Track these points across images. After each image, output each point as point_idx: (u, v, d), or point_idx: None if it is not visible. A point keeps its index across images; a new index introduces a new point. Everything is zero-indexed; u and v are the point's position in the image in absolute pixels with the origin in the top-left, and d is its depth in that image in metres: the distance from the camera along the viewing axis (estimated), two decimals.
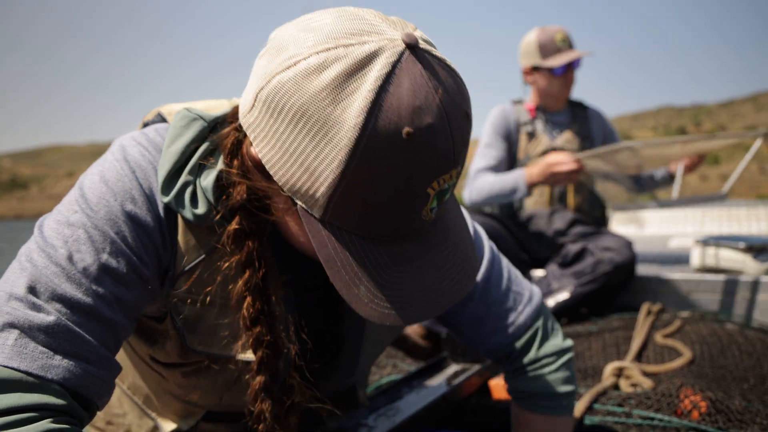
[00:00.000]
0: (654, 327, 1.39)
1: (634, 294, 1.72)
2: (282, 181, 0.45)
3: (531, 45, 1.85)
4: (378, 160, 0.41)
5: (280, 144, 0.44)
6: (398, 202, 0.43)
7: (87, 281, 0.47)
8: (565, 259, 1.73)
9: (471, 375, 0.98)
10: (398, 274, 0.45)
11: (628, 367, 1.07)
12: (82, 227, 0.48)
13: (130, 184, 0.50)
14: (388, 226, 0.45)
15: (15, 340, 0.43)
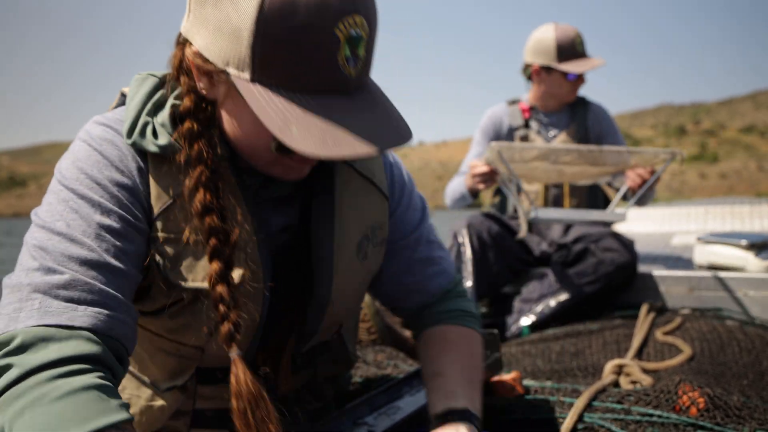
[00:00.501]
0: (655, 324, 1.40)
1: (635, 291, 1.73)
2: (216, 57, 0.53)
3: (547, 44, 1.78)
4: (283, 2, 0.49)
5: (207, 24, 0.54)
6: (312, 43, 0.50)
7: (89, 240, 0.54)
8: (567, 260, 1.73)
9: None
10: (328, 118, 0.51)
11: (628, 365, 1.08)
12: (70, 200, 0.56)
13: (99, 156, 0.58)
14: (310, 73, 0.51)
15: (39, 302, 0.50)
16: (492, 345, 1.08)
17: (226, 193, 0.61)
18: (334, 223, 0.67)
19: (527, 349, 1.40)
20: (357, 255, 0.70)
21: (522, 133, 1.89)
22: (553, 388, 1.06)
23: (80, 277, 0.52)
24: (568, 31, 1.79)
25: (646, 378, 1.04)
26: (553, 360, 1.30)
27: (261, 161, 0.62)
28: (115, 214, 0.56)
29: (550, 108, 1.91)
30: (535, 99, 1.92)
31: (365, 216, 0.71)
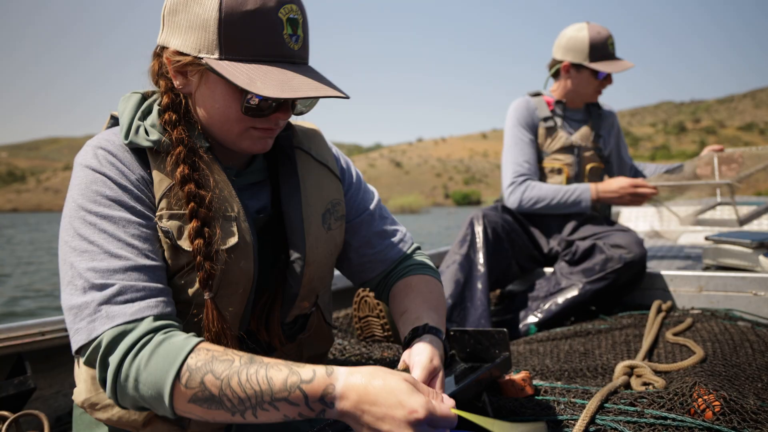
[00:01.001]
0: (664, 325, 1.39)
1: (644, 291, 1.72)
2: (190, 48, 0.69)
3: (581, 43, 1.83)
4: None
5: (180, 28, 0.69)
6: (261, 23, 0.67)
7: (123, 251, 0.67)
8: (574, 257, 1.72)
9: (480, 374, 0.98)
10: (284, 75, 0.68)
11: (639, 366, 1.06)
12: (97, 223, 0.68)
13: (104, 177, 0.70)
14: (264, 45, 0.68)
15: (105, 311, 0.64)
16: (501, 344, 1.06)
17: (221, 180, 0.75)
18: (300, 198, 0.82)
19: (535, 348, 1.38)
20: (323, 225, 0.84)
21: (549, 123, 1.90)
22: (563, 389, 1.04)
23: (126, 283, 0.66)
24: (602, 32, 1.84)
25: (658, 380, 1.02)
26: (562, 359, 1.28)
27: (232, 135, 0.75)
28: (134, 223, 0.69)
29: (572, 105, 1.95)
30: (559, 95, 1.94)
31: (324, 193, 0.85)
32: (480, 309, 1.63)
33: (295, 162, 0.83)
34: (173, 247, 0.71)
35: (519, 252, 1.83)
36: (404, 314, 0.83)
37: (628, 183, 1.76)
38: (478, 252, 1.71)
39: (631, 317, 1.52)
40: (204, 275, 0.70)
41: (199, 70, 0.71)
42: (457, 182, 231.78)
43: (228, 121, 0.73)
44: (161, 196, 0.72)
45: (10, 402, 1.10)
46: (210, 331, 0.72)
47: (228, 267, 0.73)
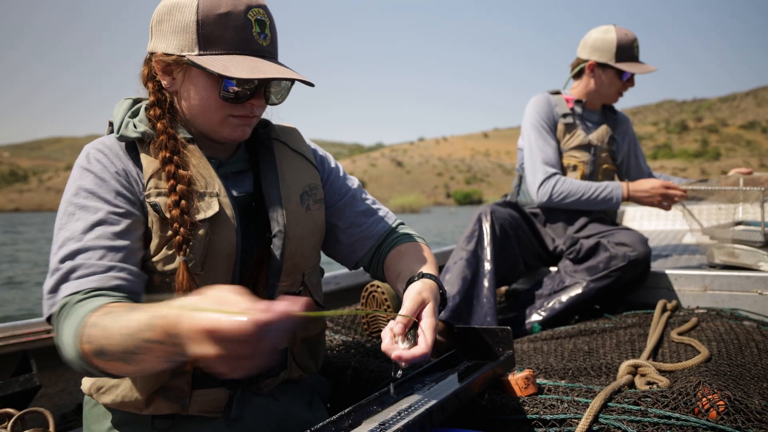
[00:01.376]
0: (669, 324, 1.39)
1: (648, 290, 1.72)
2: (174, 49, 0.80)
3: (609, 43, 1.86)
4: (213, 1, 0.79)
5: (165, 34, 0.81)
6: (233, 23, 0.79)
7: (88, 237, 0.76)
8: (578, 255, 1.72)
9: (484, 372, 0.98)
10: (254, 63, 0.79)
11: (643, 365, 1.06)
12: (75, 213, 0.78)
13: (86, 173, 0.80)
14: (237, 41, 0.80)
15: (62, 289, 0.73)
16: (505, 342, 1.06)
17: (201, 164, 0.85)
18: (278, 180, 0.91)
19: (539, 347, 1.38)
20: (301, 204, 0.92)
21: (568, 120, 1.92)
22: (567, 388, 1.04)
23: (81, 262, 0.74)
24: (629, 34, 1.88)
25: (662, 379, 1.02)
26: (566, 358, 1.28)
27: (213, 124, 0.85)
28: (106, 210, 0.78)
29: (591, 106, 1.98)
30: (579, 94, 1.96)
31: (301, 177, 0.95)
32: (486, 306, 1.63)
33: (273, 151, 0.94)
34: (161, 219, 0.80)
35: (525, 250, 1.83)
36: (400, 275, 0.92)
37: (660, 184, 1.77)
38: (485, 249, 1.71)
39: (636, 316, 1.52)
40: (179, 240, 0.79)
41: (183, 68, 0.82)
42: (458, 182, 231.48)
43: (209, 110, 0.83)
44: (149, 177, 0.81)
45: (15, 399, 1.11)
46: (179, 290, 0.79)
47: (212, 237, 0.82)
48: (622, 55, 1.86)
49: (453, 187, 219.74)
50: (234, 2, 0.80)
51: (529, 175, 1.88)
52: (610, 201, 1.81)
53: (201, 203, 0.82)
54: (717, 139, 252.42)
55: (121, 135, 0.83)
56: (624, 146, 2.02)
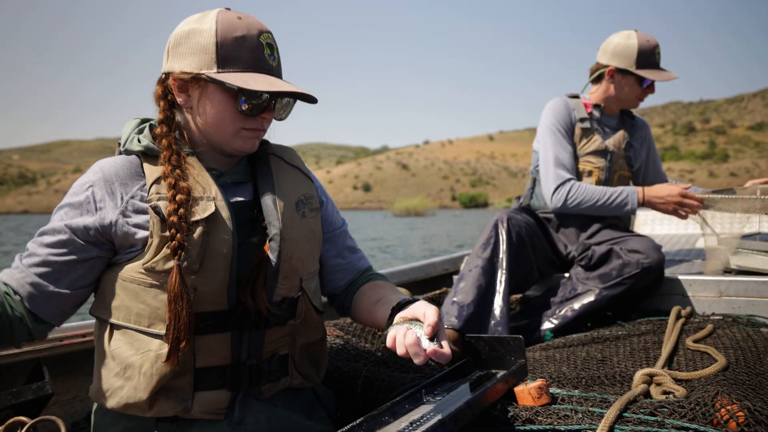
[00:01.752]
0: (684, 331, 1.37)
1: (662, 297, 1.70)
2: (193, 67, 0.89)
3: (630, 49, 1.85)
4: (229, 25, 0.89)
5: (183, 55, 0.90)
6: (248, 45, 0.89)
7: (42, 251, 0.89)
8: (590, 261, 1.71)
9: (496, 381, 0.97)
10: (269, 79, 0.90)
11: (659, 374, 1.05)
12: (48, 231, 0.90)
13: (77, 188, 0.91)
14: (252, 60, 0.90)
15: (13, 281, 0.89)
16: (516, 351, 1.05)
17: (200, 174, 0.92)
18: (274, 188, 0.97)
19: (552, 355, 1.37)
20: (297, 211, 0.98)
21: (585, 125, 1.90)
22: (581, 397, 1.03)
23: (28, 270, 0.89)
24: (650, 40, 1.86)
25: (679, 388, 1.01)
26: (579, 367, 1.27)
27: (227, 136, 0.93)
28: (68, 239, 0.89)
29: (609, 111, 1.96)
30: (597, 99, 1.95)
31: (296, 186, 1.01)
32: (499, 316, 1.62)
33: (269, 163, 1.02)
34: (161, 220, 0.86)
35: (539, 256, 1.82)
36: (381, 299, 1.01)
37: (677, 191, 1.74)
38: (501, 256, 1.69)
39: (650, 323, 1.50)
40: (175, 244, 0.84)
41: (200, 85, 0.90)
42: (464, 184, 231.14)
43: (224, 123, 0.91)
44: (151, 184, 0.89)
45: (28, 407, 1.11)
46: (170, 292, 0.84)
47: (209, 236, 0.88)
48: (642, 61, 1.84)
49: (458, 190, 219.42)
50: (248, 27, 0.90)
51: (543, 179, 1.87)
52: (626, 206, 1.78)
53: (197, 207, 0.88)
54: (725, 141, 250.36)
55: (126, 149, 0.93)
56: (642, 152, 2.00)
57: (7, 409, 1.08)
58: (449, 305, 1.65)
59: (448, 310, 1.64)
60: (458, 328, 1.57)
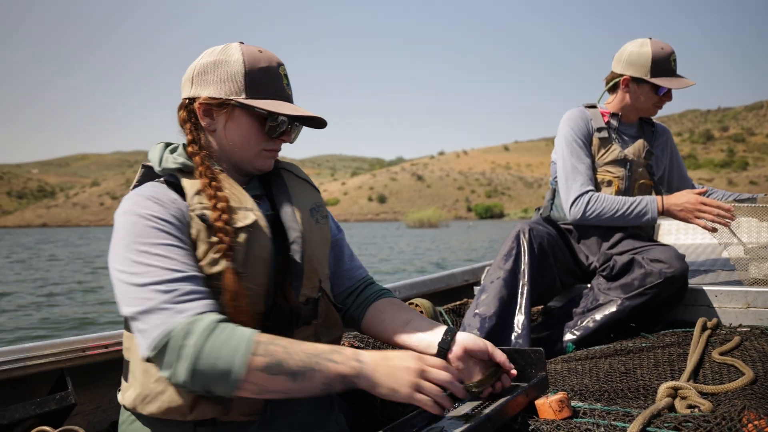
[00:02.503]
0: (710, 343, 1.35)
1: (687, 308, 1.68)
2: (221, 94, 0.98)
3: (644, 58, 1.84)
4: (254, 57, 1.00)
5: (209, 82, 0.99)
6: (270, 75, 1.00)
7: (168, 263, 0.87)
8: (612, 272, 1.69)
9: (516, 394, 0.97)
10: (292, 106, 1.00)
11: (683, 387, 1.04)
12: (146, 251, 0.88)
13: (144, 217, 0.90)
14: (274, 89, 1.01)
15: (176, 309, 0.83)
16: (537, 363, 1.05)
17: (233, 187, 0.99)
18: (290, 198, 1.06)
19: (573, 367, 1.36)
20: (311, 217, 1.07)
21: (603, 134, 1.89)
22: (603, 411, 1.02)
23: (188, 287, 0.85)
24: (665, 48, 1.85)
25: (704, 402, 0.99)
26: (602, 379, 1.26)
27: (250, 156, 1.02)
28: (176, 246, 0.89)
29: (627, 120, 1.95)
30: (614, 108, 1.94)
31: (308, 196, 1.10)
32: (520, 328, 1.61)
33: (282, 177, 1.11)
34: (207, 227, 0.92)
35: (561, 267, 1.81)
36: (409, 323, 1.08)
37: (695, 198, 1.71)
38: (523, 268, 1.68)
39: (675, 335, 1.48)
40: (225, 248, 0.90)
41: (226, 110, 0.99)
42: (479, 195, 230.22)
43: (248, 144, 1.01)
44: (193, 196, 0.94)
45: (51, 417, 1.14)
46: (228, 290, 0.89)
47: (251, 243, 0.94)
48: (657, 69, 1.83)
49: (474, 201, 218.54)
50: (269, 60, 1.01)
51: (562, 191, 1.86)
52: (645, 216, 1.77)
53: (237, 215, 0.95)
54: (744, 149, 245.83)
55: (163, 168, 0.99)
56: (664, 159, 1.99)
57: (31, 418, 1.10)
58: (471, 317, 1.65)
59: (470, 322, 1.64)
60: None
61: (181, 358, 0.80)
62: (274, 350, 0.82)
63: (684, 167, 2.09)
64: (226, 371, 0.80)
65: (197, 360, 0.80)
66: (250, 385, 0.81)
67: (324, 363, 0.83)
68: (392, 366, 0.86)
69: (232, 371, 0.80)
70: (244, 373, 0.80)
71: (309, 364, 0.82)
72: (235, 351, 0.80)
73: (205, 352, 0.80)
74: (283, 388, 0.82)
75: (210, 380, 0.81)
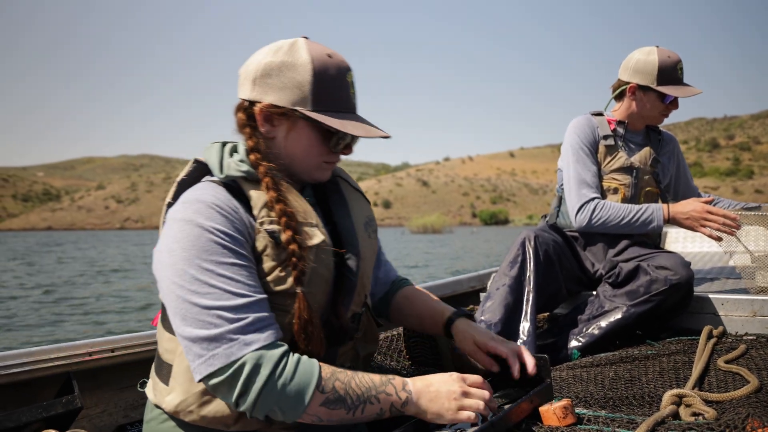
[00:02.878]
0: (716, 351, 1.35)
1: (693, 315, 1.68)
2: (285, 102, 0.91)
3: (650, 66, 1.84)
4: (323, 64, 0.92)
5: (273, 87, 0.92)
6: (338, 85, 0.93)
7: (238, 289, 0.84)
8: (617, 279, 1.69)
9: (521, 401, 0.97)
10: (358, 122, 0.94)
11: (688, 395, 1.04)
12: (211, 269, 0.83)
13: (209, 231, 0.85)
14: (341, 101, 0.94)
15: (243, 340, 0.81)
16: (542, 370, 1.06)
17: (299, 200, 0.95)
18: (348, 210, 1.04)
19: (578, 374, 1.36)
20: (366, 231, 1.05)
21: (609, 142, 1.90)
22: (607, 418, 1.03)
23: (254, 316, 0.83)
24: (672, 56, 1.85)
25: (709, 410, 0.99)
26: (607, 387, 1.26)
27: (310, 167, 0.98)
28: (241, 265, 0.85)
29: (633, 127, 1.96)
30: (621, 116, 1.95)
31: (363, 209, 1.08)
32: (526, 335, 1.61)
33: (339, 186, 1.08)
34: (276, 244, 0.89)
35: (567, 275, 1.81)
36: (430, 303, 1.17)
37: (701, 207, 1.70)
38: (529, 275, 1.68)
39: (680, 342, 1.48)
40: (297, 273, 0.88)
41: (289, 119, 0.94)
42: (484, 201, 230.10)
43: (310, 156, 0.96)
44: (260, 208, 0.90)
45: (58, 420, 1.15)
46: (301, 319, 0.88)
47: (317, 263, 0.92)
48: (664, 77, 1.83)
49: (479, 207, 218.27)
50: (338, 66, 0.94)
51: (568, 199, 1.86)
52: (651, 223, 1.77)
53: (306, 234, 0.91)
54: (750, 158, 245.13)
55: (225, 175, 0.92)
56: (670, 167, 1.99)
57: (38, 421, 1.12)
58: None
59: None
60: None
61: (248, 391, 0.80)
62: (338, 386, 0.84)
63: (690, 176, 2.09)
64: (291, 406, 0.81)
65: (264, 396, 0.80)
66: (310, 417, 0.83)
67: (379, 396, 0.86)
68: (436, 392, 0.89)
69: (297, 407, 0.81)
70: (308, 407, 0.82)
71: (365, 398, 0.85)
72: (303, 388, 0.81)
73: (273, 389, 0.80)
74: (338, 418, 0.84)
75: (274, 413, 0.82)
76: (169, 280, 0.84)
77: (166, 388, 0.93)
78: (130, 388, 1.40)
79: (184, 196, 0.91)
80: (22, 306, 8.44)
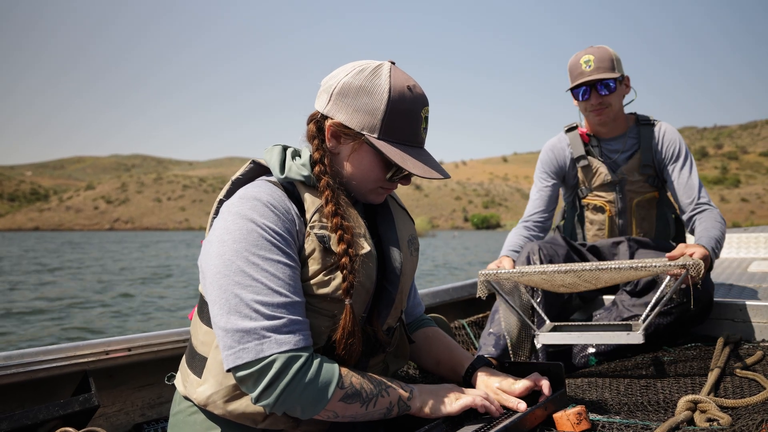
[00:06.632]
0: (732, 357, 1.37)
1: (711, 321, 1.68)
2: (355, 125, 0.94)
3: (569, 68, 1.82)
4: (401, 95, 0.94)
5: (347, 108, 0.95)
6: (412, 118, 0.95)
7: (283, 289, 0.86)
8: (636, 287, 1.68)
9: (535, 408, 0.99)
10: (421, 158, 0.96)
11: (703, 401, 1.06)
12: (261, 264, 0.87)
13: (261, 227, 0.88)
14: (410, 134, 0.96)
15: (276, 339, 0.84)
16: (556, 378, 1.07)
17: (351, 211, 0.99)
18: (394, 226, 1.07)
19: (594, 380, 1.38)
20: (408, 248, 1.09)
21: (583, 163, 1.86)
22: (621, 424, 1.05)
23: (290, 317, 0.86)
24: (581, 53, 1.80)
25: (723, 416, 1.01)
26: (622, 393, 1.28)
27: (365, 190, 1.02)
28: (287, 265, 0.88)
29: (604, 135, 1.89)
30: (587, 127, 1.93)
31: (407, 228, 1.12)
32: (538, 345, 1.61)
33: (386, 202, 1.11)
34: (325, 249, 0.93)
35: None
36: (451, 351, 1.17)
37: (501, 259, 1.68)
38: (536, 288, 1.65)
39: (697, 349, 1.50)
40: (347, 285, 0.91)
41: (354, 140, 0.97)
42: (476, 205, 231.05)
43: (367, 180, 1.00)
44: (313, 213, 0.94)
45: (75, 418, 1.16)
46: (345, 329, 0.92)
47: (361, 273, 0.95)
48: (571, 75, 1.80)
49: (471, 211, 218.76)
50: (414, 101, 0.96)
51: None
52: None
53: (356, 244, 0.95)
54: (737, 167, 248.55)
55: (286, 176, 0.97)
56: (663, 159, 1.84)
57: (55, 419, 1.12)
58: (486, 336, 1.69)
59: (485, 341, 1.67)
60: (496, 357, 1.58)
61: (271, 389, 0.84)
62: (354, 381, 0.89)
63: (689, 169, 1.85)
64: (313, 402, 0.86)
65: (287, 394, 0.84)
66: (328, 413, 0.88)
67: (388, 389, 0.93)
68: (435, 389, 0.98)
69: (318, 403, 0.86)
70: (329, 403, 0.86)
71: (378, 391, 0.91)
72: (325, 386, 0.86)
73: (297, 388, 0.84)
74: (353, 413, 0.90)
75: (294, 409, 0.86)
76: (216, 269, 0.88)
77: (197, 380, 0.96)
78: (146, 387, 1.42)
79: (242, 191, 0.95)
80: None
